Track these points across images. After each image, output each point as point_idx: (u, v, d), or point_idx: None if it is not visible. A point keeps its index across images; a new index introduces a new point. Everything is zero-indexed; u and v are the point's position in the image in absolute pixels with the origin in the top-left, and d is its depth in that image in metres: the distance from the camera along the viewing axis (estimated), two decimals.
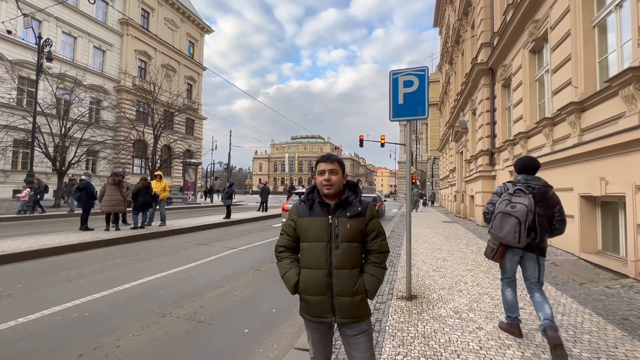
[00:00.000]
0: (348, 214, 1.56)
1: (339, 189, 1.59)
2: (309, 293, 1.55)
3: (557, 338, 2.31)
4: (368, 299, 1.59)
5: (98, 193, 8.64)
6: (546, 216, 2.59)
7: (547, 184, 2.64)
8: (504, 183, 2.82)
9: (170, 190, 13.25)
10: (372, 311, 2.11)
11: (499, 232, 2.56)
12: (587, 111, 5.78)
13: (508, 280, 2.81)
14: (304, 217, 1.62)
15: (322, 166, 1.61)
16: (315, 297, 1.54)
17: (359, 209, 1.57)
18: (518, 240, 2.48)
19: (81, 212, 8.58)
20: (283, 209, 10.01)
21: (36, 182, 12.68)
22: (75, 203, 12.41)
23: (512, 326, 2.76)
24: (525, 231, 2.46)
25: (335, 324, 1.60)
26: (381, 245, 1.59)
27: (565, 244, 6.42)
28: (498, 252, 2.70)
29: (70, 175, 14.13)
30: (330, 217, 1.57)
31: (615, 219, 5.35)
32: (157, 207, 9.90)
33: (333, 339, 1.74)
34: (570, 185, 6.12)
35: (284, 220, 10.87)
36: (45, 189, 13.35)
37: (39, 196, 12.67)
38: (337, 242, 1.53)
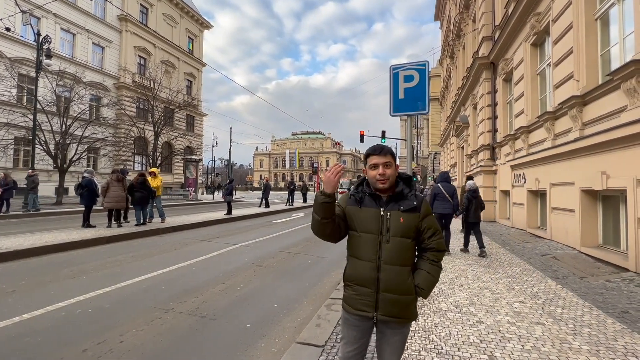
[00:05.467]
0: (402, 207, 1.48)
1: (393, 183, 1.52)
2: (355, 282, 1.51)
3: None
4: (421, 298, 1.45)
5: (100, 189, 8.67)
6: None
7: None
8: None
9: (163, 186, 12.96)
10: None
11: None
12: (588, 105, 5.75)
13: None
14: (352, 206, 1.56)
15: (375, 159, 1.50)
16: (360, 288, 1.49)
17: (414, 203, 1.48)
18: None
19: (83, 209, 8.60)
20: None
21: (1, 178, 11.50)
22: (34, 202, 12.13)
23: None
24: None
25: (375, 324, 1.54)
26: (439, 244, 1.51)
27: (565, 238, 6.43)
28: None
29: (30, 171, 12.65)
30: (382, 209, 1.49)
31: (616, 213, 5.35)
32: (154, 204, 9.89)
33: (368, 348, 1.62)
34: (571, 179, 6.11)
35: None
36: (14, 185, 12.11)
37: (6, 193, 11.50)
38: (387, 236, 1.46)
